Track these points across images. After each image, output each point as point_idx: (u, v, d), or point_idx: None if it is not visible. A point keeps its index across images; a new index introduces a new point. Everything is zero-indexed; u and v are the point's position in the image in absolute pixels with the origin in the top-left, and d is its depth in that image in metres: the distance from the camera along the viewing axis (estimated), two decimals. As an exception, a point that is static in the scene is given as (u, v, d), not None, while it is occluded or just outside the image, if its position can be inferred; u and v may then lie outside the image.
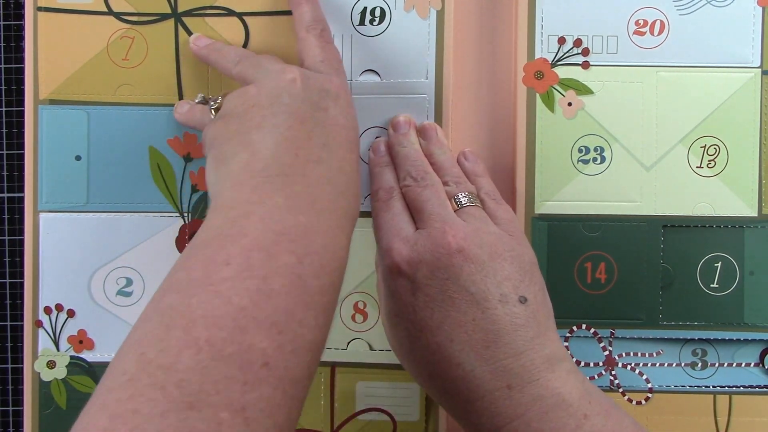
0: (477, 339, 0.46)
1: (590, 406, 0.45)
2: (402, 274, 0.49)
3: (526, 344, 0.46)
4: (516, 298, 0.47)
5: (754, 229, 0.58)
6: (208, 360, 0.36)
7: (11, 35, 0.60)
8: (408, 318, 0.48)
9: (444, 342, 0.47)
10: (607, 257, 0.58)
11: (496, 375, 0.46)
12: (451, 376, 0.47)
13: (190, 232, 0.59)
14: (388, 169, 0.55)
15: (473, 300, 0.47)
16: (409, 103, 0.58)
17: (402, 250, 0.49)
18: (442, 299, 0.47)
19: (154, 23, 0.59)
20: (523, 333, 0.47)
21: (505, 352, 0.46)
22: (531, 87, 0.58)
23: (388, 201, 0.53)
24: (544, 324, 0.48)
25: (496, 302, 0.47)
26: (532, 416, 0.45)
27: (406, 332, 0.49)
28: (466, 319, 0.47)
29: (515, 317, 0.47)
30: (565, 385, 0.46)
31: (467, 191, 0.53)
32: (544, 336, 0.47)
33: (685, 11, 0.58)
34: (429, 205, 0.51)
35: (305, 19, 0.54)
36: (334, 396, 0.60)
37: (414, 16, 0.58)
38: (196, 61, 0.59)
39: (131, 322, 0.59)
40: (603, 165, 0.58)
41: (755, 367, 0.59)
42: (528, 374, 0.46)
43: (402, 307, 0.49)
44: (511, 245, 0.49)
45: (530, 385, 0.46)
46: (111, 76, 0.59)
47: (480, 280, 0.47)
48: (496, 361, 0.46)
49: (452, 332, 0.47)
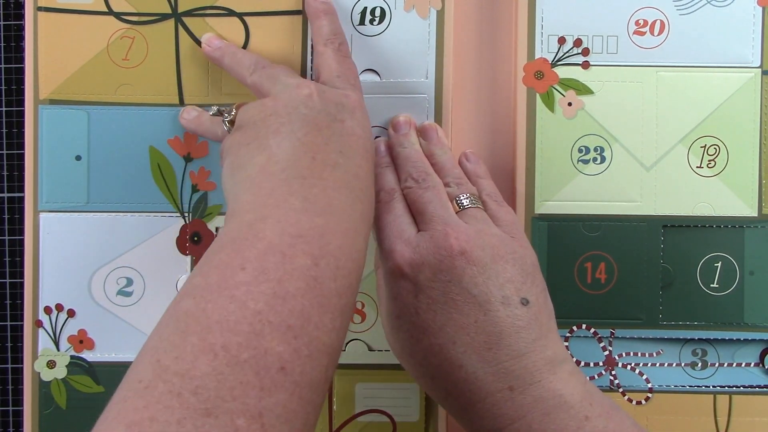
0: (479, 341, 0.47)
1: (591, 407, 0.45)
2: (404, 276, 0.49)
3: (527, 346, 0.46)
4: (518, 300, 0.47)
5: (754, 229, 0.58)
6: (224, 366, 0.36)
7: (11, 35, 0.60)
8: (410, 320, 0.48)
9: (446, 344, 0.47)
10: (607, 257, 0.58)
11: (498, 377, 0.46)
12: (453, 378, 0.47)
13: (190, 232, 0.59)
14: (388, 170, 0.55)
15: (475, 302, 0.47)
16: (409, 102, 0.58)
17: (404, 252, 0.49)
18: (444, 301, 0.47)
19: (154, 23, 0.59)
20: (525, 335, 0.47)
21: (507, 354, 0.46)
22: (531, 87, 0.58)
23: (390, 203, 0.52)
24: (546, 326, 0.48)
25: (498, 304, 0.47)
26: (534, 418, 0.45)
27: (408, 334, 0.49)
28: (468, 321, 0.47)
29: (517, 319, 0.47)
30: (566, 387, 0.46)
31: (469, 193, 0.53)
32: (546, 338, 0.47)
33: (685, 11, 0.58)
34: (431, 207, 0.51)
35: (323, 33, 0.54)
36: (333, 398, 0.60)
37: (414, 15, 0.58)
38: (196, 61, 0.59)
39: (131, 322, 0.59)
40: (603, 165, 0.58)
41: (755, 367, 0.59)
42: (530, 376, 0.46)
43: (404, 309, 0.49)
44: (513, 247, 0.49)
45: (532, 387, 0.46)
46: (111, 76, 0.59)
47: (482, 282, 0.47)
48: (498, 363, 0.46)
49: (454, 334, 0.47)
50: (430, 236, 0.49)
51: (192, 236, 0.59)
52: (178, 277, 0.59)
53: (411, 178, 0.53)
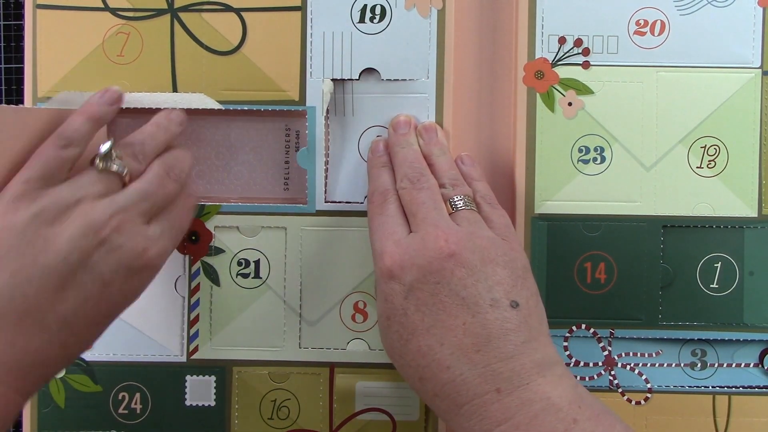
0: (467, 343, 0.46)
1: (580, 410, 0.45)
2: (394, 277, 0.49)
3: (516, 348, 0.46)
4: (507, 303, 0.47)
5: (754, 229, 0.58)
6: None
7: (11, 35, 0.60)
8: (399, 321, 0.48)
9: (434, 345, 0.47)
10: (606, 257, 0.58)
11: (486, 379, 0.46)
12: (440, 379, 0.47)
13: (188, 231, 0.59)
14: (385, 171, 0.55)
15: (464, 304, 0.47)
16: (410, 102, 0.58)
17: (394, 253, 0.49)
18: (432, 303, 0.47)
19: (149, 19, 0.58)
20: (514, 337, 0.46)
21: (495, 356, 0.46)
22: (531, 87, 0.58)
23: (383, 204, 0.52)
24: (536, 329, 0.48)
25: (487, 306, 0.47)
26: (521, 420, 0.45)
27: (398, 335, 0.48)
28: (456, 323, 0.47)
29: (506, 321, 0.47)
30: (555, 390, 0.45)
31: (463, 194, 0.53)
32: (536, 341, 0.47)
33: (686, 11, 0.58)
34: (424, 209, 0.51)
35: None
36: (333, 396, 0.60)
37: (415, 14, 0.57)
38: (191, 57, 0.58)
39: (129, 322, 0.59)
40: (603, 165, 0.58)
41: (755, 367, 0.59)
42: (518, 378, 0.46)
43: (393, 310, 0.49)
44: (504, 250, 0.49)
45: (519, 389, 0.45)
46: (107, 72, 0.58)
47: (471, 284, 0.47)
48: (486, 365, 0.46)
49: (442, 336, 0.47)
50: (421, 238, 0.49)
51: (189, 235, 0.59)
52: (176, 276, 0.59)
53: (406, 179, 0.53)
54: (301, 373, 0.60)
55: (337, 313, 0.59)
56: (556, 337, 0.59)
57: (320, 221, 0.59)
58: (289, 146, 0.60)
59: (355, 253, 0.59)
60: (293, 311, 0.59)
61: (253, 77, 0.58)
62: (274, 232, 0.59)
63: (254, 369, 0.60)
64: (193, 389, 0.60)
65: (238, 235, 0.59)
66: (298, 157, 0.58)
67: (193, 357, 0.59)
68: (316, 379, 0.59)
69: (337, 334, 0.59)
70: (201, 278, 0.59)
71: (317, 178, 0.58)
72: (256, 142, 0.61)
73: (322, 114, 0.58)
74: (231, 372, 0.60)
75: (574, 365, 0.59)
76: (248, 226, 0.59)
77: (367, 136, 0.58)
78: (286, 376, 0.60)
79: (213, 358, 0.59)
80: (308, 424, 0.60)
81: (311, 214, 0.59)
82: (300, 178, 0.61)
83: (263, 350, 0.59)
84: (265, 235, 0.59)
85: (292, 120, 0.60)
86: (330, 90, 0.58)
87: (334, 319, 0.59)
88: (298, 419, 0.60)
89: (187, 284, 0.59)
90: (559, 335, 0.59)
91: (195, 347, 0.59)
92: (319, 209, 0.59)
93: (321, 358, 0.59)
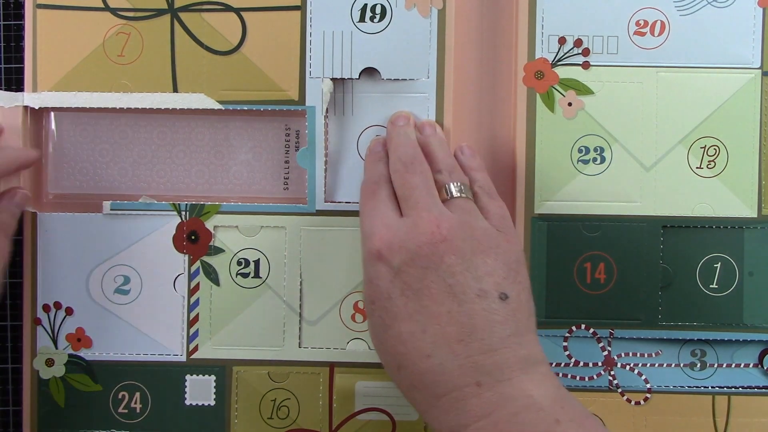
0: (450, 332, 0.45)
1: (563, 411, 0.44)
2: (381, 259, 0.47)
3: (501, 342, 0.45)
4: (496, 295, 0.46)
5: (753, 229, 0.58)
6: None
7: (11, 35, 0.60)
8: (382, 305, 0.47)
9: (416, 332, 0.46)
10: (606, 257, 0.58)
11: (466, 370, 0.45)
12: (419, 368, 0.45)
13: (187, 231, 0.59)
14: (380, 163, 0.54)
15: (451, 292, 0.46)
16: (410, 102, 0.58)
17: (384, 235, 0.48)
18: (419, 288, 0.46)
19: (150, 19, 0.58)
20: (500, 330, 0.45)
21: (478, 348, 0.45)
22: (531, 87, 0.58)
23: (375, 190, 0.51)
24: (524, 324, 0.47)
25: (474, 296, 0.46)
26: (501, 416, 0.43)
27: (380, 320, 0.47)
28: (441, 310, 0.46)
29: (493, 313, 0.45)
30: (538, 388, 0.44)
31: (459, 182, 0.51)
32: (523, 336, 0.46)
33: (686, 12, 0.58)
34: (416, 193, 0.50)
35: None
36: (333, 396, 0.60)
37: (415, 14, 0.57)
38: (191, 58, 0.58)
39: (128, 320, 0.59)
40: (603, 165, 0.58)
41: (754, 367, 0.59)
42: (499, 373, 0.44)
43: (378, 293, 0.47)
44: (498, 241, 0.48)
45: (501, 384, 0.44)
46: (107, 72, 0.58)
47: (459, 272, 0.46)
48: (468, 357, 0.45)
49: (425, 322, 0.46)
50: (413, 221, 0.48)
51: (189, 235, 0.59)
52: (176, 276, 0.59)
53: (399, 162, 0.52)
54: (300, 372, 0.60)
55: (337, 312, 0.59)
56: (555, 337, 0.59)
57: (320, 221, 0.59)
58: (289, 146, 0.60)
59: (355, 253, 0.59)
60: (293, 311, 0.59)
61: (253, 77, 0.58)
62: (273, 232, 0.59)
63: (254, 368, 0.60)
64: (193, 389, 0.60)
65: (238, 234, 0.59)
66: (297, 157, 0.58)
67: (192, 356, 0.59)
68: (315, 378, 0.59)
69: (336, 333, 0.59)
70: (201, 278, 0.59)
71: (317, 178, 0.58)
72: (256, 142, 0.61)
73: (322, 114, 0.58)
74: (231, 371, 0.60)
75: (574, 365, 0.59)
76: (248, 225, 0.59)
77: (366, 136, 0.58)
78: (286, 376, 0.60)
79: (213, 358, 0.59)
80: (308, 424, 0.60)
81: (311, 213, 0.59)
82: (300, 178, 0.61)
83: (263, 350, 0.59)
84: (265, 235, 0.59)
85: (292, 120, 0.60)
86: (330, 89, 0.58)
87: (334, 318, 0.59)
88: (297, 419, 0.60)
89: (187, 284, 0.59)
90: (559, 335, 0.59)
91: (195, 347, 0.59)
92: (319, 209, 0.59)
93: (321, 357, 0.59)
